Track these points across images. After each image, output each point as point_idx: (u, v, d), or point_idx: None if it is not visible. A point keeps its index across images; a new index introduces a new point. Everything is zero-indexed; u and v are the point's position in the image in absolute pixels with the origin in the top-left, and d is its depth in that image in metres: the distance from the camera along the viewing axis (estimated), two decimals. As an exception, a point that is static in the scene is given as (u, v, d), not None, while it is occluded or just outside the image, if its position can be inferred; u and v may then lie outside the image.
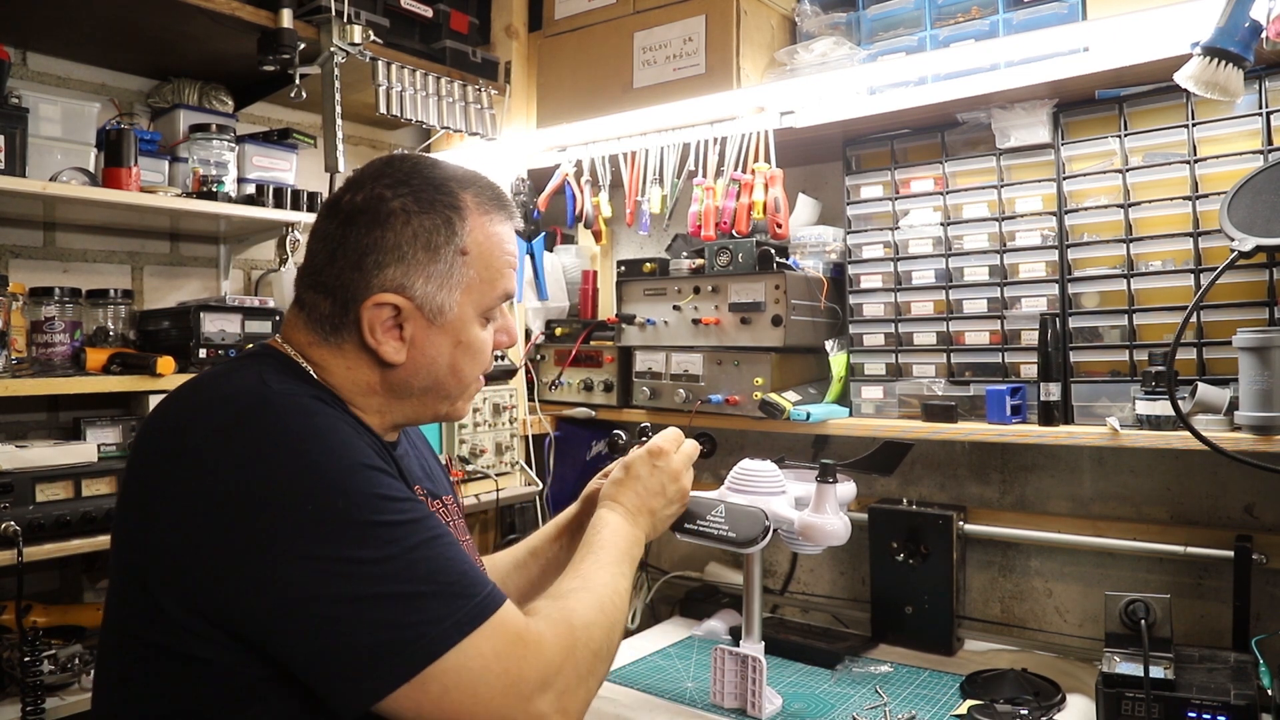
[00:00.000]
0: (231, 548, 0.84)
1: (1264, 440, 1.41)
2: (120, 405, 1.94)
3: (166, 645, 0.87)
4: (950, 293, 1.81)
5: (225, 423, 0.89)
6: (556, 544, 1.39)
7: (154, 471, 0.91)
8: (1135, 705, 1.34)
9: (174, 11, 1.78)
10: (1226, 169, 1.53)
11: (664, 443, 1.29)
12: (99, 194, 1.74)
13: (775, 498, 1.46)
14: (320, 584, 0.83)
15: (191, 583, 0.85)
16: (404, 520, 0.88)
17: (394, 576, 0.85)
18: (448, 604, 0.86)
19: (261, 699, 0.88)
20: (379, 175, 1.03)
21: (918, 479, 2.08)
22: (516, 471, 2.30)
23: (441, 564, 0.88)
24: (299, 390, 0.95)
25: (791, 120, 1.87)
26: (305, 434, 0.89)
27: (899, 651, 1.85)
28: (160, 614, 0.86)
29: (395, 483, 0.92)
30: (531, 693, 0.88)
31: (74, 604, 1.86)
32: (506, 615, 0.90)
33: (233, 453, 0.86)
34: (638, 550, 1.20)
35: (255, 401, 0.90)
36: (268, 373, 0.96)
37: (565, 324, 2.37)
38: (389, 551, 0.85)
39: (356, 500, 0.86)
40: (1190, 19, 1.40)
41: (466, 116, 2.27)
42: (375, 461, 0.91)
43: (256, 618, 0.84)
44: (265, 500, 0.84)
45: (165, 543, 0.86)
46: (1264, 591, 1.65)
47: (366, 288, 0.99)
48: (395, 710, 0.84)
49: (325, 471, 0.87)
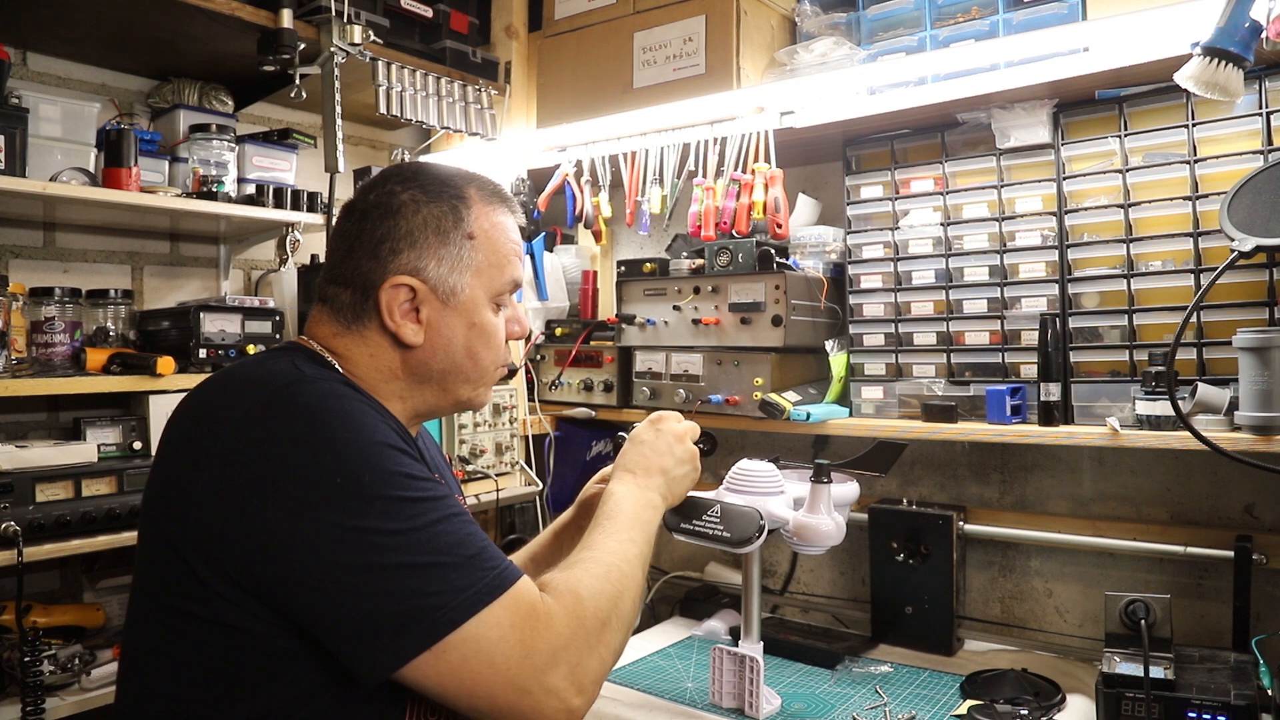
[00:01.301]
0: (263, 517, 0.88)
1: (1264, 440, 1.41)
2: (120, 405, 1.94)
3: (200, 613, 0.90)
4: (950, 293, 1.81)
5: (261, 400, 0.94)
6: (556, 549, 1.40)
7: (192, 446, 0.95)
8: (1135, 705, 1.34)
9: (174, 11, 1.78)
10: (1226, 169, 1.53)
11: (662, 413, 1.34)
12: (99, 194, 1.74)
13: (772, 498, 1.46)
14: (347, 553, 0.87)
15: (225, 551, 0.89)
16: (426, 497, 0.92)
17: (417, 547, 0.89)
18: (468, 575, 0.89)
19: (290, 668, 0.91)
20: (388, 176, 1.11)
21: (918, 479, 2.07)
22: (516, 471, 2.30)
23: (462, 538, 0.92)
24: (330, 376, 1.01)
25: (791, 120, 1.87)
26: (336, 413, 0.93)
27: (899, 651, 1.85)
28: (196, 582, 0.90)
29: (416, 463, 0.95)
30: (545, 665, 0.90)
31: (74, 604, 1.86)
32: (523, 588, 0.93)
33: (267, 428, 0.91)
34: (650, 514, 1.19)
35: (289, 382, 0.96)
36: (300, 361, 1.02)
37: (565, 324, 2.37)
38: (412, 524, 0.89)
39: (382, 475, 0.90)
40: (1190, 19, 1.40)
41: (466, 117, 2.27)
42: (399, 443, 0.95)
43: (286, 584, 0.88)
44: (296, 473, 0.89)
45: (202, 513, 0.90)
46: (1264, 591, 1.65)
47: (383, 272, 1.05)
48: (415, 677, 0.87)
49: (353, 447, 0.91)
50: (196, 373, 1.87)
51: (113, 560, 1.89)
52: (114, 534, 1.67)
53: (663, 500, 1.24)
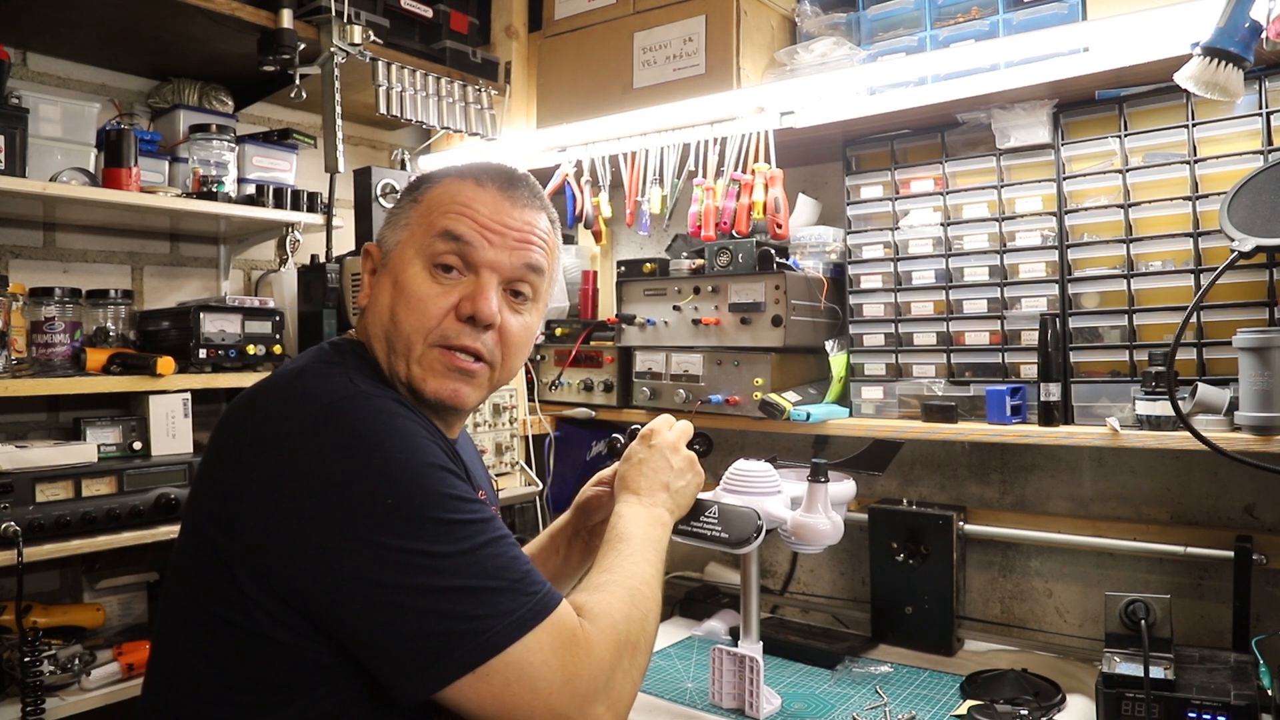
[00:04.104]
0: (310, 533, 0.87)
1: (1264, 440, 1.41)
2: (120, 405, 1.94)
3: (239, 621, 0.90)
4: (950, 293, 1.81)
5: (314, 413, 0.93)
6: (554, 550, 1.40)
7: (243, 455, 0.94)
8: (1135, 705, 1.34)
9: (174, 12, 1.78)
10: (1226, 169, 1.53)
11: (653, 425, 1.33)
12: (99, 194, 1.74)
13: (770, 498, 1.46)
14: (393, 573, 0.86)
15: (270, 564, 0.89)
16: (473, 520, 0.92)
17: (463, 570, 0.88)
18: (513, 599, 0.89)
19: (326, 681, 0.91)
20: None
21: (918, 479, 2.07)
22: (516, 472, 2.30)
23: (507, 561, 0.92)
24: (384, 393, 1.00)
25: (791, 120, 1.87)
26: (387, 432, 0.93)
27: (899, 652, 1.85)
28: (238, 592, 0.89)
29: (464, 485, 0.95)
30: (586, 692, 0.90)
31: (74, 604, 1.86)
32: (563, 614, 0.93)
33: (319, 443, 0.91)
34: (660, 531, 1.18)
35: (343, 397, 0.95)
36: (354, 373, 1.01)
37: (565, 324, 2.37)
38: (460, 547, 0.89)
39: (431, 498, 0.90)
40: (1190, 19, 1.40)
41: (466, 117, 2.27)
42: (447, 464, 0.95)
43: (329, 601, 0.88)
44: (346, 490, 0.88)
45: (249, 524, 0.90)
46: (1264, 591, 1.65)
47: None
48: (457, 700, 0.87)
49: (404, 468, 0.91)
50: (196, 373, 1.87)
51: (113, 560, 1.89)
52: (114, 534, 1.68)
53: (670, 514, 1.23)
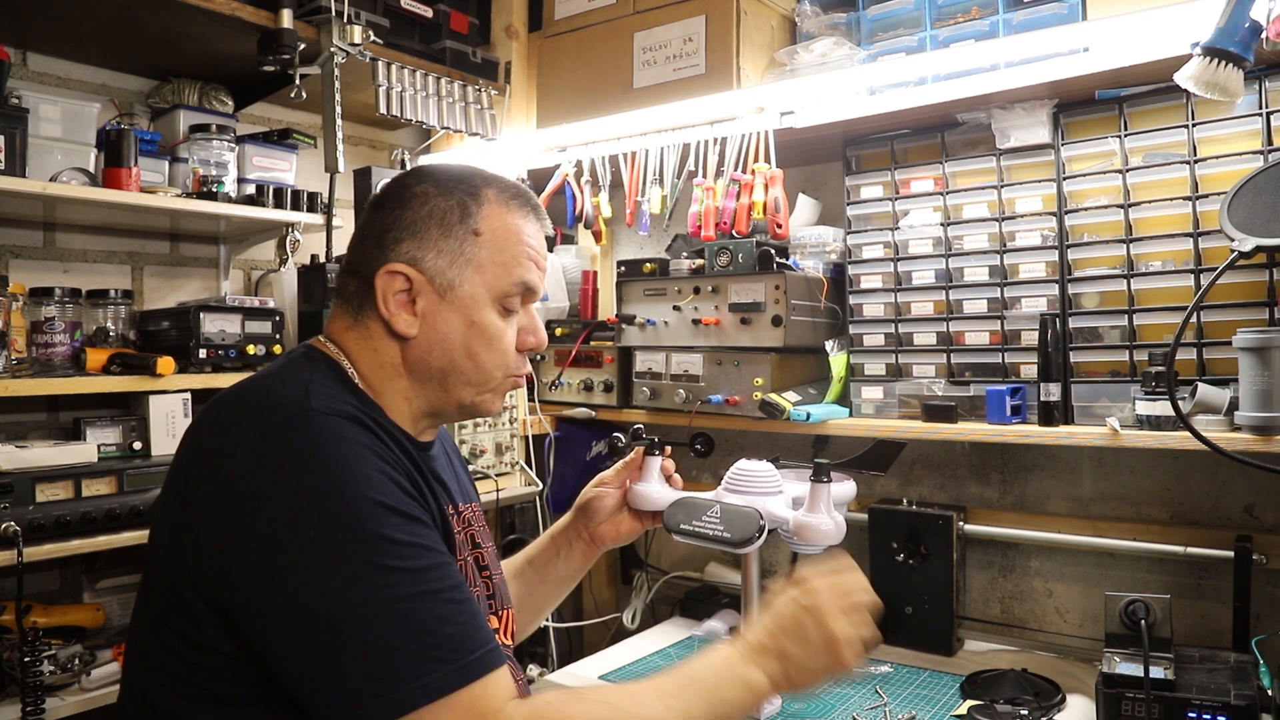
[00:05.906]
0: (240, 551, 0.87)
1: (1264, 440, 1.41)
2: (120, 405, 1.94)
3: (189, 634, 0.91)
4: (950, 293, 1.81)
5: (261, 431, 0.92)
6: (554, 553, 1.40)
7: (194, 468, 0.95)
8: (1135, 705, 1.34)
9: (174, 12, 1.78)
10: (1226, 169, 1.53)
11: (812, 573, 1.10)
12: (99, 194, 1.74)
13: (771, 498, 1.46)
14: (311, 602, 0.85)
15: (208, 576, 0.89)
16: (402, 567, 0.87)
17: (372, 622, 0.84)
18: (420, 665, 0.84)
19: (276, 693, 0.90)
20: (410, 172, 1.11)
21: (918, 479, 2.07)
22: (516, 472, 2.30)
23: (427, 621, 0.86)
24: (340, 407, 0.96)
25: (791, 120, 1.87)
26: (330, 459, 0.90)
27: (899, 651, 1.85)
28: (183, 603, 0.90)
29: (410, 525, 0.91)
30: None
31: (74, 604, 1.86)
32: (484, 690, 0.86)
33: (260, 463, 0.90)
34: (738, 694, 1.00)
35: (292, 415, 0.93)
36: (315, 383, 0.98)
37: (565, 324, 2.37)
38: (380, 596, 0.85)
39: (359, 535, 0.87)
40: (1190, 19, 1.40)
41: (466, 117, 2.27)
42: (394, 500, 0.91)
43: (251, 617, 0.88)
44: (278, 513, 0.87)
45: (192, 535, 0.90)
46: (1264, 591, 1.65)
47: (382, 259, 1.04)
48: None
49: (338, 500, 0.88)
50: (196, 373, 1.87)
51: (113, 560, 1.89)
52: (114, 534, 1.67)
53: (770, 684, 1.01)
